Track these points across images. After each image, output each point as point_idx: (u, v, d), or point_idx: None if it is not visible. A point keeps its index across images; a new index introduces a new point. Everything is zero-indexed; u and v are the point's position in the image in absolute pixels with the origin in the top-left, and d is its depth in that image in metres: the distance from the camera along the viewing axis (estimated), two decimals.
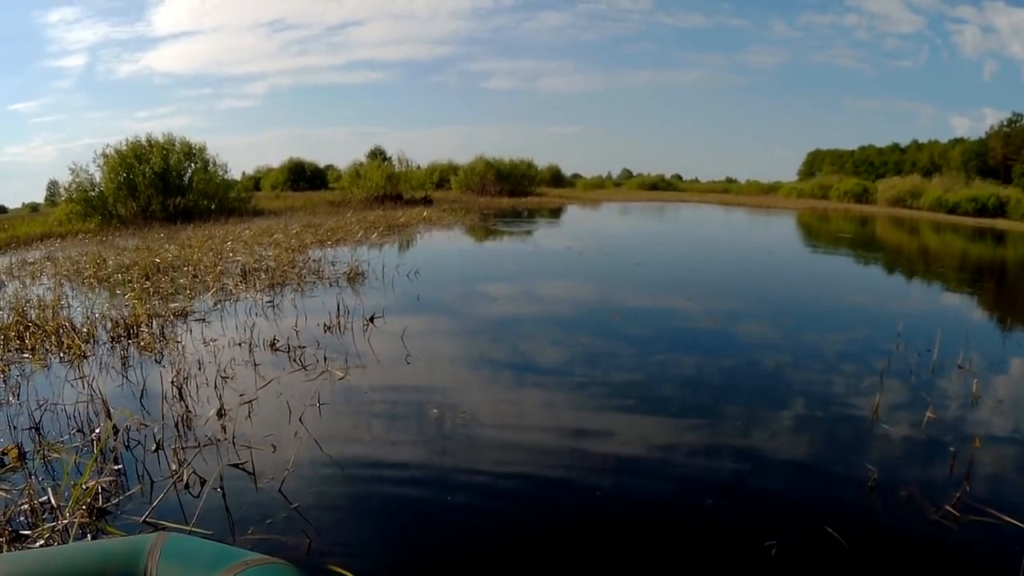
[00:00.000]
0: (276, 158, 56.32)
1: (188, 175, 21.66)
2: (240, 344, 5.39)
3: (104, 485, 2.95)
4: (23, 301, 6.84)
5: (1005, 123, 37.65)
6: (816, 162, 49.86)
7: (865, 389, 4.41)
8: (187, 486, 3.01)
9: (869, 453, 3.44)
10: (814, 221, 25.46)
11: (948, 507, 2.81)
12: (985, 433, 3.70)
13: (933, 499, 2.90)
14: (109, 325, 5.91)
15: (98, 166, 20.24)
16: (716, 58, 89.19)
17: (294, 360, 4.99)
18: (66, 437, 3.56)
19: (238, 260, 9.93)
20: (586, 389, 4.49)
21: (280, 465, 3.15)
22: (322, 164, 49.08)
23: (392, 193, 28.90)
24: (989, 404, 4.26)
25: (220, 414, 3.86)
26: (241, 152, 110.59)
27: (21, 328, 5.76)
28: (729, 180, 56.80)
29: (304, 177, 46.49)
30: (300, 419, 3.79)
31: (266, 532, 2.62)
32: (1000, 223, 25.25)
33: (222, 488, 2.95)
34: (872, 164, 44.95)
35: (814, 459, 3.47)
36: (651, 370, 5.03)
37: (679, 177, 59.96)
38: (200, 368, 4.72)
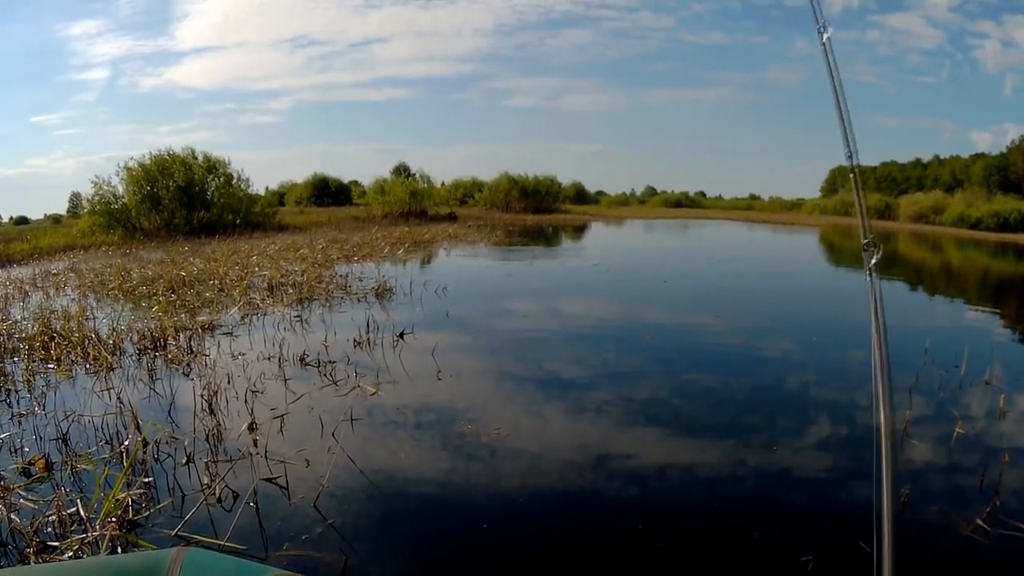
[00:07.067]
0: (300, 173, 56.88)
1: (212, 189, 21.85)
2: (269, 358, 5.33)
3: (135, 498, 2.87)
4: (47, 312, 6.85)
5: None
6: (838, 178, 48.79)
7: (894, 404, 4.24)
8: (219, 500, 2.93)
9: (900, 468, 3.30)
10: (837, 238, 25.06)
11: (979, 521, 2.75)
12: (1013, 447, 3.59)
13: (964, 514, 2.84)
14: (135, 337, 5.89)
15: (121, 179, 20.48)
16: (738, 76, 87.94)
17: (324, 375, 4.91)
18: (94, 448, 3.50)
19: (264, 274, 9.94)
20: (621, 407, 4.36)
21: (314, 480, 3.08)
22: (346, 180, 49.14)
23: (416, 209, 29.10)
24: (1016, 419, 4.15)
25: (251, 428, 3.79)
26: (264, 167, 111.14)
27: (46, 339, 5.74)
28: (752, 197, 56.27)
29: (328, 193, 46.76)
30: (333, 434, 3.70)
31: (301, 548, 2.52)
32: (1022, 238, 24.70)
33: (255, 503, 2.87)
34: (894, 180, 44.22)
35: (847, 474, 3.37)
36: (682, 388, 4.89)
37: (703, 194, 59.52)
38: (229, 382, 4.65)
